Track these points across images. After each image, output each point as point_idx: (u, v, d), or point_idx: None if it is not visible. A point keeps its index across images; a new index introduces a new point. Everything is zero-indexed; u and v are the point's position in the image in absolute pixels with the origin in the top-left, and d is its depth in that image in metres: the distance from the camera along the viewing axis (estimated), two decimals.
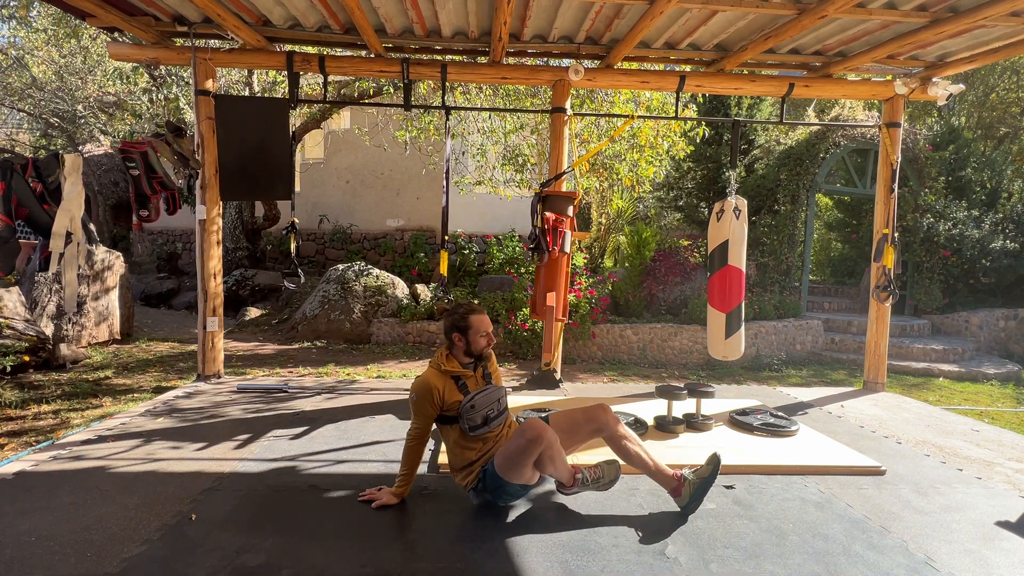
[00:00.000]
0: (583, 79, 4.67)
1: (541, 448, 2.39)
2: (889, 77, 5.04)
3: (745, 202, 4.30)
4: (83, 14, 4.14)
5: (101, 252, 7.45)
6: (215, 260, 4.67)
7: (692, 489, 2.60)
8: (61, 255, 3.53)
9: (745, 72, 5.55)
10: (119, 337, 7.57)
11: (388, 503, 2.62)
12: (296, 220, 4.73)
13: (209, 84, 4.56)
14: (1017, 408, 6.45)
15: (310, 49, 5.86)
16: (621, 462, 2.69)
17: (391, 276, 8.96)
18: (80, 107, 11.33)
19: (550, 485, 2.91)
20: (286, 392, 4.58)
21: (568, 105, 4.77)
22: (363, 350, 7.79)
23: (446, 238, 4.60)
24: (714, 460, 2.66)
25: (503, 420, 2.64)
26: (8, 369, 5.44)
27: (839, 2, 3.57)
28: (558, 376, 4.93)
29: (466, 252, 10.82)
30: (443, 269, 4.67)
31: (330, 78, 7.47)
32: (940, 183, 9.61)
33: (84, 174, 3.66)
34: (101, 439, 3.38)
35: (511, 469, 2.45)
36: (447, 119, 4.68)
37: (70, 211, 3.54)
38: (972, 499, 2.92)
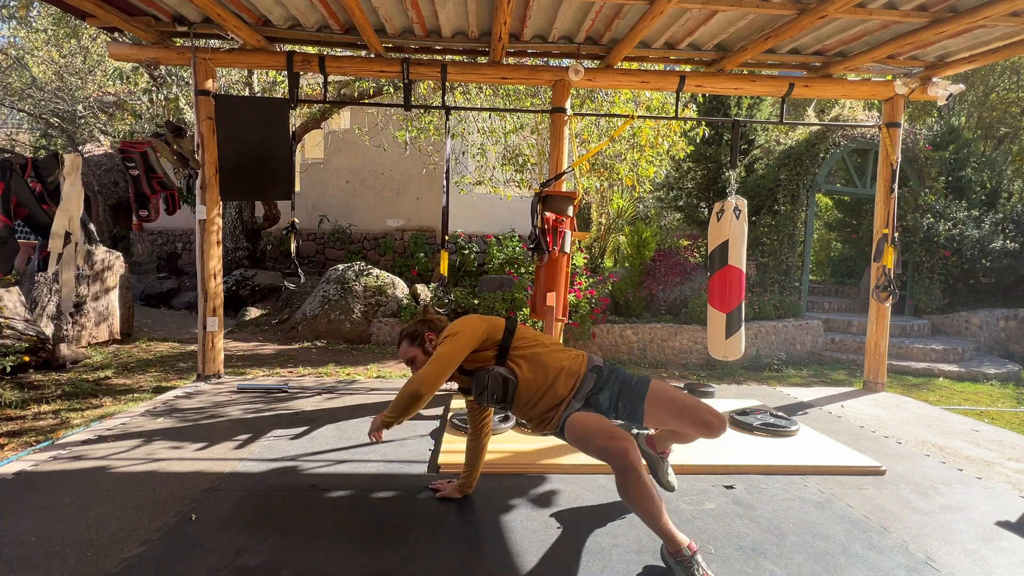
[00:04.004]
0: (583, 79, 4.67)
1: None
2: (889, 77, 5.04)
3: (745, 202, 4.30)
4: (83, 14, 4.13)
5: (101, 252, 7.45)
6: (215, 260, 4.67)
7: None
8: (60, 255, 3.53)
9: (745, 72, 5.55)
10: (119, 337, 7.57)
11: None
12: (296, 220, 4.73)
13: (209, 84, 4.56)
14: (1017, 408, 6.45)
15: (310, 49, 5.86)
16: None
17: (391, 276, 8.95)
18: (80, 107, 11.33)
19: (551, 485, 2.91)
20: (286, 392, 4.58)
21: (568, 105, 4.77)
22: (363, 350, 7.78)
23: (446, 238, 4.60)
24: None
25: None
26: (8, 369, 5.43)
27: (839, 2, 3.57)
28: None
29: (466, 252, 10.81)
30: (443, 269, 4.67)
31: (330, 78, 7.47)
32: (940, 183, 9.61)
33: (84, 174, 3.66)
34: (101, 439, 3.38)
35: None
36: (447, 119, 4.68)
37: (69, 211, 3.54)
38: (972, 499, 2.92)
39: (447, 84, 4.88)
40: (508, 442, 3.37)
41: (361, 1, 3.89)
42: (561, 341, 4.98)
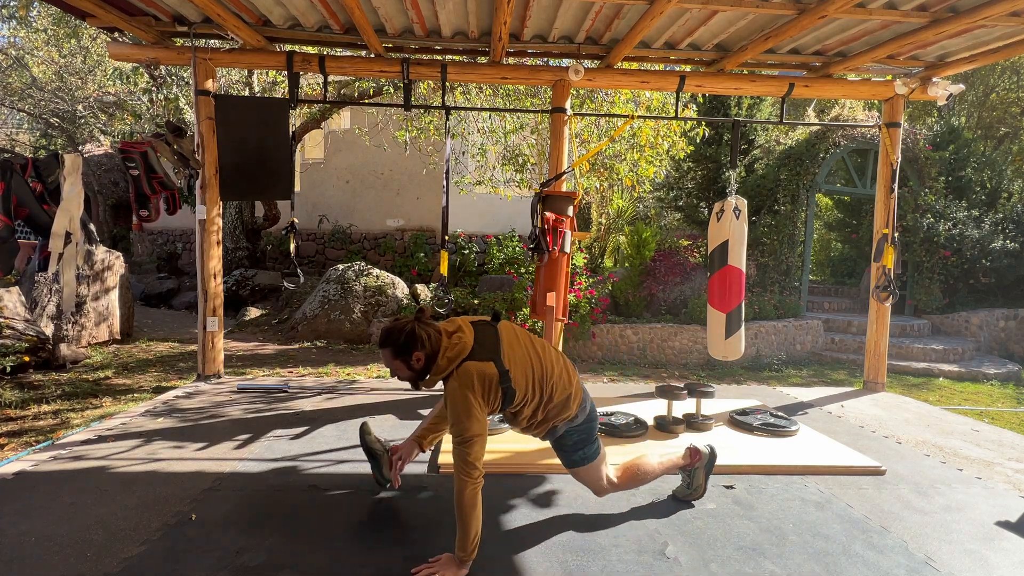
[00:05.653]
0: (583, 79, 4.67)
1: None
2: (889, 77, 5.04)
3: (745, 202, 4.30)
4: (83, 14, 4.13)
5: (101, 252, 7.45)
6: (215, 260, 4.67)
7: None
8: (60, 255, 3.53)
9: (745, 72, 5.55)
10: (119, 337, 7.57)
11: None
12: (296, 220, 4.73)
13: (209, 84, 4.56)
14: (1017, 408, 6.45)
15: (310, 49, 5.86)
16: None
17: (391, 276, 8.95)
18: (80, 107, 11.33)
19: (551, 485, 2.91)
20: (286, 392, 4.58)
21: (568, 105, 4.77)
22: (363, 350, 7.78)
23: (446, 238, 4.60)
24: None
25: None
26: (8, 369, 5.43)
27: (839, 2, 3.57)
28: None
29: (466, 252, 10.81)
30: (443, 269, 4.67)
31: (330, 78, 7.47)
32: (940, 183, 9.61)
33: (84, 174, 3.66)
34: (101, 439, 3.38)
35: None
36: (447, 119, 4.67)
37: (69, 211, 3.53)
38: (972, 499, 2.92)
39: (447, 84, 4.87)
40: (508, 442, 3.37)
41: (361, 1, 3.89)
42: (561, 342, 4.98)
